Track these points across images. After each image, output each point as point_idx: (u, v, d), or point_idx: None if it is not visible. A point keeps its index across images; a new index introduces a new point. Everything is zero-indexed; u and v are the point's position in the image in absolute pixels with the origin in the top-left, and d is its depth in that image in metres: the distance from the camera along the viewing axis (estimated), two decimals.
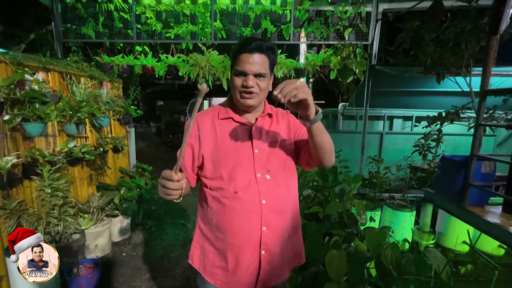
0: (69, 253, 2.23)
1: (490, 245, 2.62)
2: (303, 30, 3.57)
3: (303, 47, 3.86)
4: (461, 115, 2.55)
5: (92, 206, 2.73)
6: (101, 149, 2.94)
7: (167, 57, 3.40)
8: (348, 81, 3.62)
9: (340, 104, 4.60)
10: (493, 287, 2.30)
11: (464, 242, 2.61)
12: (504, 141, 4.74)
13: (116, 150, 3.35)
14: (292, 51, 3.80)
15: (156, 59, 3.45)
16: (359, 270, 1.23)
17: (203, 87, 0.66)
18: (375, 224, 2.64)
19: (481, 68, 2.46)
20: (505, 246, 2.56)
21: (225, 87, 3.27)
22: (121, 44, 3.54)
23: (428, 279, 1.19)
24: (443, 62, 2.50)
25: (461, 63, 2.41)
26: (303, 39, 3.64)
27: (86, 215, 2.72)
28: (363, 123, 3.60)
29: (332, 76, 3.50)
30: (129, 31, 3.38)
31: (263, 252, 0.97)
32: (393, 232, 2.54)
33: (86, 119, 2.72)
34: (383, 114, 4.63)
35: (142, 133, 11.04)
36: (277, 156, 1.01)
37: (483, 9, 2.41)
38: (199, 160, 0.99)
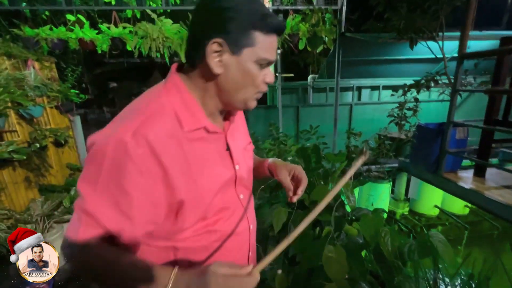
0: (9, 277, 1.83)
1: (457, 206, 2.76)
2: None
3: None
4: (431, 83, 2.51)
5: (34, 214, 2.27)
6: (37, 144, 2.42)
7: (109, 28, 2.82)
8: (318, 51, 3.41)
9: (310, 76, 4.43)
10: (464, 243, 2.45)
11: (436, 206, 2.71)
12: (459, 106, 5.04)
13: (58, 144, 2.81)
14: None
15: (96, 31, 2.85)
16: (358, 264, 1.09)
17: None
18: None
19: (453, 33, 2.38)
20: (470, 205, 2.72)
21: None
22: (47, 13, 2.84)
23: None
24: (417, 26, 2.37)
25: (435, 26, 2.30)
26: (268, 4, 3.27)
27: (28, 226, 2.27)
28: (334, 95, 3.46)
29: (301, 46, 3.24)
30: None
31: None
32: (372, 204, 2.53)
33: (10, 110, 2.17)
34: (351, 85, 4.58)
35: (95, 120, 9.93)
36: (250, 166, 0.77)
37: None
38: (172, 211, 0.58)
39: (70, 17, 2.80)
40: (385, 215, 2.62)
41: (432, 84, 2.30)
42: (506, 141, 2.25)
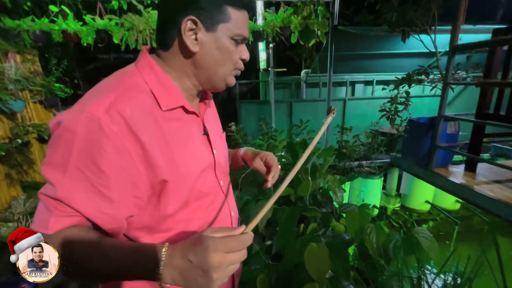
0: None
1: (448, 201, 2.75)
2: None
3: (260, 6, 3.42)
4: (422, 76, 2.46)
5: (16, 212, 2.20)
6: (19, 140, 2.34)
7: (94, 20, 2.72)
8: (310, 45, 3.35)
9: (303, 71, 4.37)
10: (455, 239, 2.44)
11: (427, 202, 2.69)
12: (452, 101, 5.03)
13: (43, 140, 2.72)
14: None
15: (81, 23, 2.75)
16: (342, 262, 1.05)
17: None
18: (345, 195, 2.58)
19: (446, 27, 2.34)
20: (461, 201, 2.70)
21: None
22: (28, 3, 2.73)
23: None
24: (408, 18, 2.32)
25: (427, 19, 2.26)
26: None
27: (10, 224, 2.20)
28: (327, 90, 3.41)
29: (293, 39, 3.18)
30: None
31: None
32: (363, 200, 2.50)
33: None
34: (345, 80, 4.53)
35: None
36: (226, 154, 0.77)
37: None
38: (155, 194, 0.54)
39: (53, 8, 2.69)
40: (376, 211, 2.61)
41: (424, 78, 2.25)
42: (497, 135, 2.23)
